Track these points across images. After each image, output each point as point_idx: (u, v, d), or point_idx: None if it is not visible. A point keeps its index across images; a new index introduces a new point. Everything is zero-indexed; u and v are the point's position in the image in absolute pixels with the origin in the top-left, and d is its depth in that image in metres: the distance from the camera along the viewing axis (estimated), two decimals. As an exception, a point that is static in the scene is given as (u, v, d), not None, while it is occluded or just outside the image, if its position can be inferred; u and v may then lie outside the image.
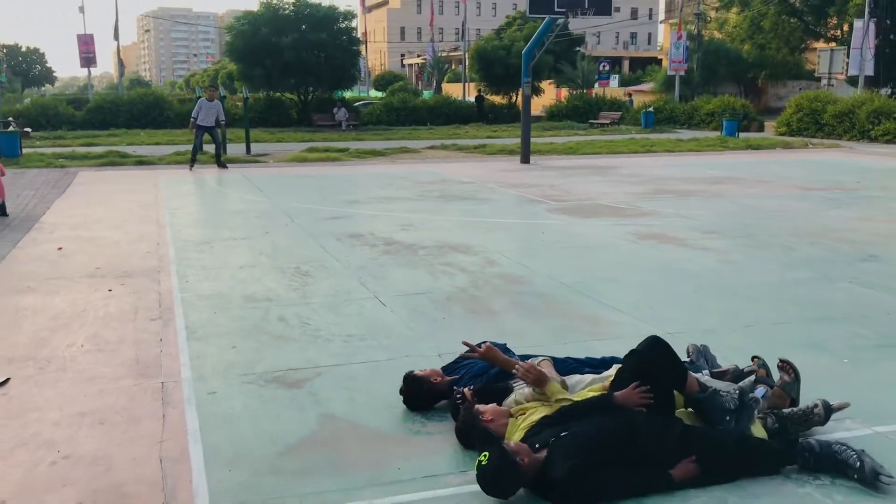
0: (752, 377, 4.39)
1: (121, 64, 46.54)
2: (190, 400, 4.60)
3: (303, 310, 6.50)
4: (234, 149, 22.38)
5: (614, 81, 60.06)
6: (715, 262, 8.31)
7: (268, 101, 38.38)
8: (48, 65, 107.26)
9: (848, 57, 30.29)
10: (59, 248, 9.13)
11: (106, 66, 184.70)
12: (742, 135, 28.74)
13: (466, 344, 4.50)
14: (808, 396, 4.18)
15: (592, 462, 3.46)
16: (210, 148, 19.52)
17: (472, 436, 3.88)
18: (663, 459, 3.61)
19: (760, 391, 4.26)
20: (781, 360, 4.38)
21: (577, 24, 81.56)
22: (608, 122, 37.23)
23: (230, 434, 4.15)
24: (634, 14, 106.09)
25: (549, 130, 34.45)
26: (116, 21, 43.77)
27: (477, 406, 4.01)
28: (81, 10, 46.66)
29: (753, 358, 4.60)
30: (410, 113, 39.91)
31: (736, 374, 4.49)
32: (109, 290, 7.16)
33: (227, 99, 34.63)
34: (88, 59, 42.67)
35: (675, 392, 4.04)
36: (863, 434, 4.12)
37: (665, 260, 8.46)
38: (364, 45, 51.48)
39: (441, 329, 5.96)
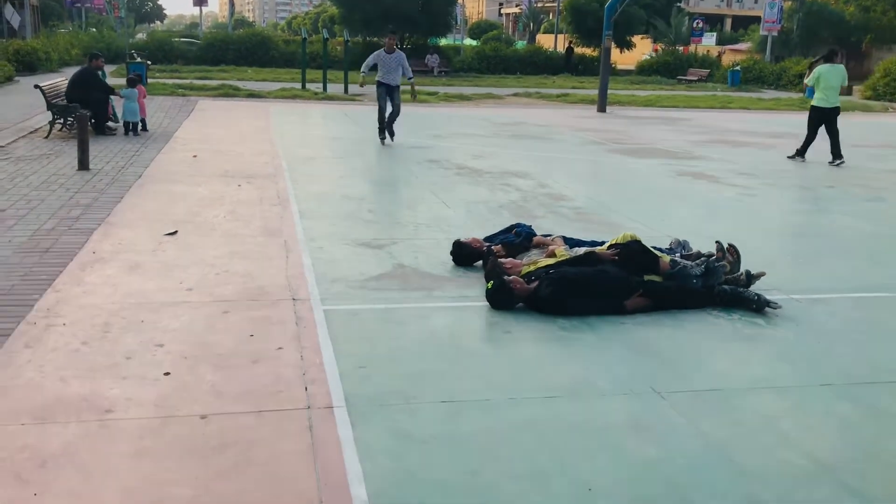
0: (713, 255, 6.00)
1: (231, 4, 49.10)
2: (305, 250, 6.51)
3: (386, 206, 8.37)
4: (333, 87, 24.39)
5: (711, 39, 59.39)
6: (735, 194, 9.77)
7: (366, 45, 40.24)
8: (158, 2, 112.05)
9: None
10: (194, 156, 11.23)
11: (212, 6, 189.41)
12: (825, 97, 29.04)
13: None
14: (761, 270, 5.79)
15: (567, 288, 5.18)
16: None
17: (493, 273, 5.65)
18: (621, 295, 5.31)
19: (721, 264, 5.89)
20: (730, 245, 5.98)
21: (677, -20, 79.76)
22: (696, 78, 37.74)
23: (332, 267, 6.04)
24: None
25: (636, 84, 35.33)
26: (229, -37, 46.10)
27: (500, 259, 5.78)
28: (196, -50, 49.32)
29: (716, 242, 6.19)
30: (501, 62, 41.20)
31: (701, 256, 6.11)
32: (238, 186, 9.17)
33: (330, 42, 36.70)
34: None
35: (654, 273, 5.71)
36: (781, 297, 5.70)
37: (693, 191, 9.96)
38: (461, -6, 52.62)
39: (488, 223, 7.71)
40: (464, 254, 6.25)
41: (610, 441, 3.58)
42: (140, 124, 13.62)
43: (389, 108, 13.11)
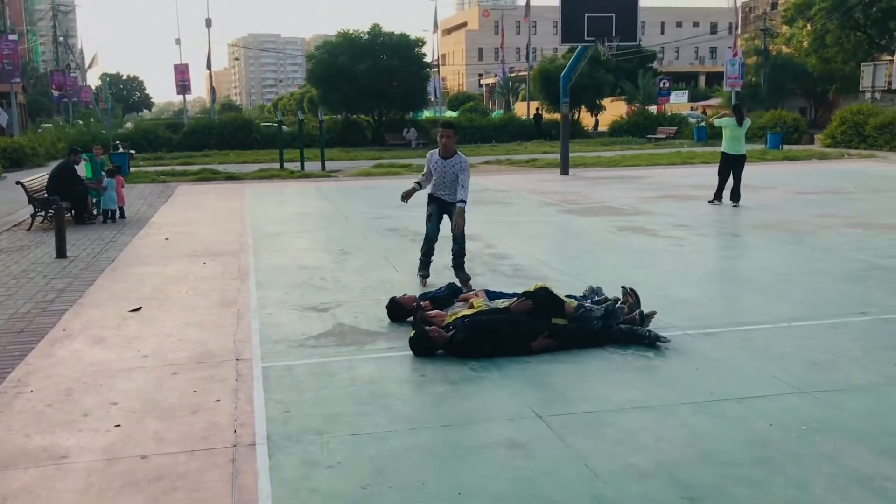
0: (619, 300, 6.71)
1: (213, 91, 50.73)
2: (255, 316, 7.21)
3: (338, 273, 9.09)
4: (310, 165, 25.40)
5: (683, 97, 61.37)
6: (666, 245, 10.54)
7: (345, 123, 41.70)
8: (146, 91, 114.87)
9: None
10: (166, 239, 12.00)
11: (198, 91, 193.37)
12: (786, 147, 30.26)
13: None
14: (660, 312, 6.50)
15: (477, 334, 5.88)
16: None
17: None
18: (527, 338, 6.00)
19: (623, 306, 6.61)
20: (630, 288, 6.71)
21: (650, 41, 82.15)
22: (664, 136, 39.06)
23: (277, 330, 6.73)
24: (714, 28, 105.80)
25: (606, 145, 36.57)
26: (209, 53, 47.91)
27: (427, 311, 6.49)
28: (178, 42, 51.34)
29: (622, 287, 6.91)
30: (476, 131, 42.57)
31: (609, 301, 6.83)
32: (204, 263, 9.91)
33: (308, 121, 38.05)
34: (184, 87, 46.90)
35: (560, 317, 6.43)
36: (677, 333, 6.39)
37: (627, 243, 10.73)
38: (437, 69, 54.53)
39: (431, 284, 8.42)
40: (397, 310, 6.95)
41: (486, 456, 4.24)
42: (118, 212, 14.44)
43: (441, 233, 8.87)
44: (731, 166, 14.57)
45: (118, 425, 4.75)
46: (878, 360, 5.73)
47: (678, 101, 56.70)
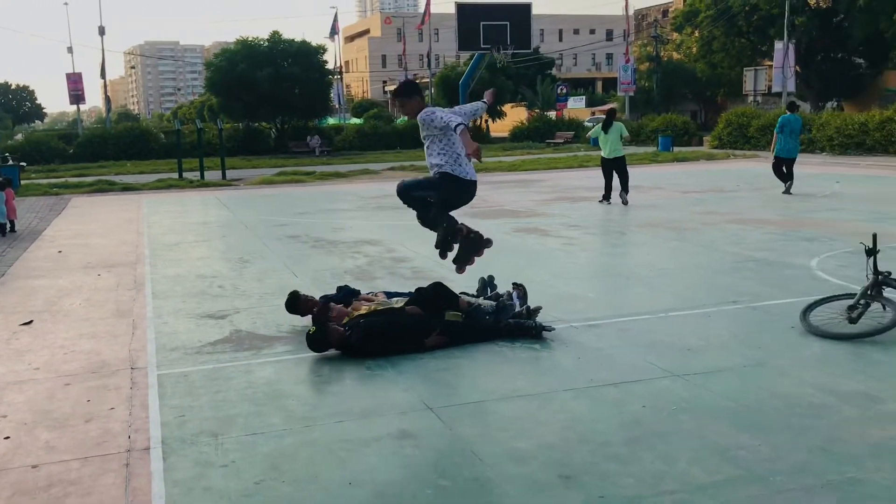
0: (512, 293, 7.00)
1: (108, 101, 49.25)
2: (150, 325, 7.19)
3: (237, 281, 9.11)
4: (211, 175, 25.04)
5: (580, 102, 63.18)
6: (558, 244, 10.97)
7: (246, 131, 41.20)
8: (38, 101, 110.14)
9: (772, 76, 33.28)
10: (59, 251, 11.72)
11: (94, 101, 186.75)
12: (677, 148, 31.59)
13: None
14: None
15: (371, 334, 6.07)
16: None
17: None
18: (420, 335, 6.22)
19: (514, 301, 6.90)
20: (519, 284, 7.02)
21: (549, 48, 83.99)
22: (563, 141, 40.15)
23: (173, 339, 6.75)
24: (610, 35, 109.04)
25: (507, 150, 37.27)
26: (103, 62, 46.50)
27: (331, 305, 6.62)
28: (70, 50, 49.56)
29: (512, 283, 7.21)
30: (381, 138, 42.79)
31: (502, 296, 7.12)
32: (98, 275, 9.75)
33: (207, 129, 37.42)
34: (77, 97, 45.40)
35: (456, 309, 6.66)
36: (563, 325, 6.73)
37: (522, 243, 11.12)
38: (339, 76, 54.47)
39: (329, 287, 8.55)
40: (296, 303, 6.95)
41: (377, 448, 4.43)
42: (8, 225, 13.97)
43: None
44: (610, 168, 15.51)
45: (7, 437, 4.72)
46: (744, 344, 6.20)
47: (576, 107, 58.34)
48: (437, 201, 6.61)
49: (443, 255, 6.79)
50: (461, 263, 6.84)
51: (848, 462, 4.10)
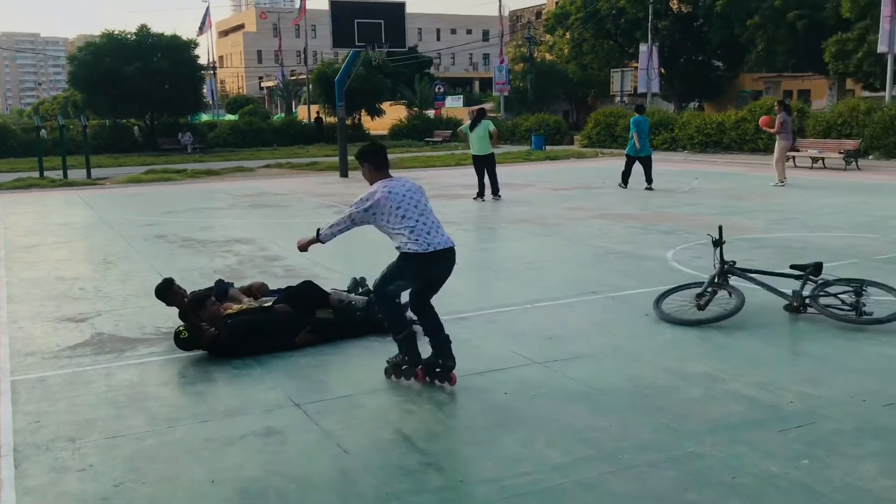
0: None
1: (-41, 94, 46.07)
2: (4, 330, 6.87)
3: (99, 283, 8.80)
4: (75, 173, 23.91)
5: (458, 101, 63.91)
6: (432, 241, 11.12)
7: (113, 128, 39.53)
8: None
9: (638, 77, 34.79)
10: None
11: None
12: (549, 147, 32.53)
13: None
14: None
15: (239, 333, 6.02)
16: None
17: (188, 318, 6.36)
18: (289, 333, 6.22)
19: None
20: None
21: (427, 47, 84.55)
22: (441, 139, 40.57)
23: (28, 343, 6.48)
24: (486, 36, 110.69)
25: (387, 148, 37.26)
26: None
27: (207, 302, 6.48)
28: (-86, 40, 45.98)
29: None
30: (257, 135, 41.92)
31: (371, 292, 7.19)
32: (-53, 280, 9.20)
33: (71, 126, 35.68)
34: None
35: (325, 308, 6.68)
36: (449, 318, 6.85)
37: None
38: (213, 72, 53.00)
39: (199, 287, 8.39)
40: (167, 291, 6.69)
41: (241, 446, 4.43)
42: None
43: None
44: (482, 166, 15.76)
45: None
46: (601, 331, 6.53)
47: (454, 106, 58.98)
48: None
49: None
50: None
51: (690, 438, 4.41)
